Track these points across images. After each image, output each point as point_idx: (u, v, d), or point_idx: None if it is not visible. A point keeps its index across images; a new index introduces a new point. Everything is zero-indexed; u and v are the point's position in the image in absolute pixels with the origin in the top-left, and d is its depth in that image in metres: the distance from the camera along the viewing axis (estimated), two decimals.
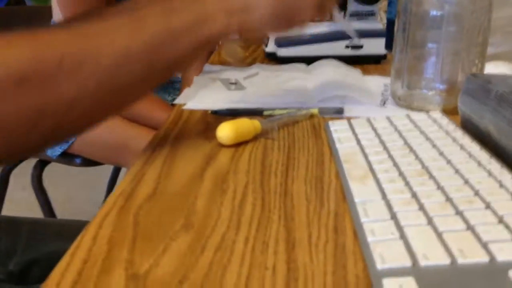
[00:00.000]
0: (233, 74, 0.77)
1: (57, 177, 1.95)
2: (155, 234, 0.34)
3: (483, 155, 0.40)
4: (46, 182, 1.29)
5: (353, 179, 0.39)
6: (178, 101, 0.66)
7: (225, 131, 0.50)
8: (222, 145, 0.50)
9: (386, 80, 0.72)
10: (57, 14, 1.16)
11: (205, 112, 0.62)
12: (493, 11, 0.59)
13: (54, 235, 0.64)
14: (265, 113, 0.60)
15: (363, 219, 0.33)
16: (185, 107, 0.64)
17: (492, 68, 0.66)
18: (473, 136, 0.45)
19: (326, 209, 0.37)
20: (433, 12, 0.57)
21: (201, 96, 0.67)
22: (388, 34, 0.81)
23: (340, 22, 0.68)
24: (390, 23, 0.80)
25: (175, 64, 0.47)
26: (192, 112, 0.62)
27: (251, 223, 0.35)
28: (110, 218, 0.36)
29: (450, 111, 0.57)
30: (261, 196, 0.39)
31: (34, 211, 1.30)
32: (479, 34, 0.57)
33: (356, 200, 0.36)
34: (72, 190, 2.05)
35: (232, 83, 0.72)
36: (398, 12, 0.60)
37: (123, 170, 1.55)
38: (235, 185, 0.41)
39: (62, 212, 1.42)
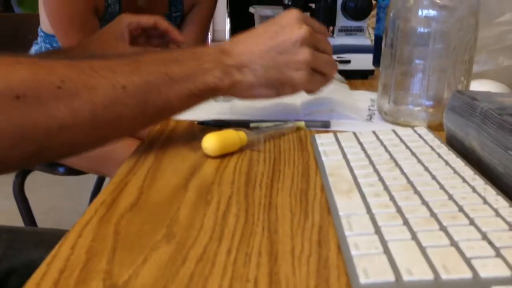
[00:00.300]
0: None
1: (40, 186, 1.92)
2: (135, 244, 0.33)
3: (468, 171, 0.40)
4: (29, 191, 1.27)
5: (338, 193, 0.39)
6: None
7: (211, 142, 0.49)
8: (207, 156, 0.50)
9: (373, 95, 0.73)
10: (45, 22, 1.16)
11: (191, 122, 0.61)
12: (479, 30, 0.60)
13: (33, 244, 0.63)
14: (252, 125, 0.59)
15: (347, 232, 0.33)
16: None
17: (477, 86, 0.67)
18: (458, 152, 0.46)
19: (310, 222, 0.37)
20: (420, 29, 0.57)
21: None
22: (376, 50, 0.82)
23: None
24: (378, 40, 0.81)
25: (168, 109, 0.49)
26: (179, 122, 0.62)
27: (234, 235, 0.34)
28: (90, 227, 0.35)
29: (435, 127, 0.58)
30: (245, 208, 0.39)
31: (17, 220, 1.28)
32: (466, 52, 0.57)
33: (341, 213, 0.35)
34: (54, 199, 2.03)
35: None
36: (386, 28, 0.61)
37: (108, 179, 1.53)
38: (219, 196, 0.41)
39: (44, 221, 1.40)
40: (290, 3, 0.89)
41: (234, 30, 1.52)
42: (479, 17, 0.57)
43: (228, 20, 1.64)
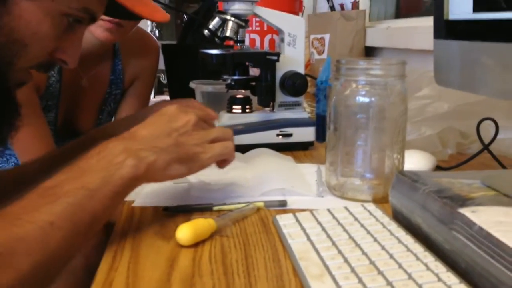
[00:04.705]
0: None
1: None
2: None
3: (418, 248, 0.47)
4: None
5: (311, 277, 0.44)
6: (126, 198, 0.68)
7: (184, 232, 0.53)
8: (181, 246, 0.53)
9: (316, 167, 0.80)
10: None
11: (155, 208, 0.64)
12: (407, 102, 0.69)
13: None
14: (215, 208, 0.63)
15: None
16: (134, 204, 0.66)
17: (408, 156, 0.75)
18: (405, 228, 0.52)
19: None
20: (360, 115, 0.65)
21: (148, 191, 0.69)
22: (318, 127, 0.90)
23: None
24: (319, 118, 0.89)
25: (98, 219, 0.50)
26: (143, 209, 0.64)
27: None
28: None
29: (379, 200, 0.65)
30: None
31: None
32: (399, 133, 0.66)
33: None
34: None
35: None
36: (329, 113, 0.68)
37: None
38: None
39: None
40: (232, 83, 0.95)
41: None
42: (407, 103, 0.66)
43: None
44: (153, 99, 2.41)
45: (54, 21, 0.55)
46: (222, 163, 0.63)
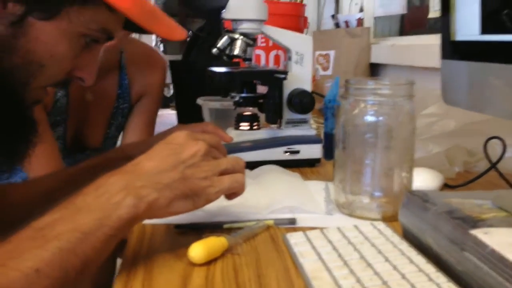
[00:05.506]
0: None
1: None
2: None
3: (430, 269, 0.47)
4: None
5: None
6: None
7: (197, 251, 0.53)
8: (193, 264, 0.53)
9: (324, 184, 0.80)
10: None
11: (167, 226, 0.65)
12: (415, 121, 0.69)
13: None
14: (225, 226, 0.64)
15: None
16: (145, 222, 0.66)
17: (415, 174, 0.76)
18: (416, 247, 0.53)
19: None
20: (368, 135, 0.66)
21: None
22: (326, 146, 0.91)
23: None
24: (327, 136, 0.89)
25: (90, 264, 0.47)
26: (154, 226, 0.65)
27: None
28: None
29: (389, 218, 0.65)
30: None
31: None
32: (408, 153, 0.66)
33: None
34: None
35: None
36: (338, 131, 0.69)
37: None
38: None
39: None
40: (240, 100, 0.96)
41: (181, 122, 1.57)
42: (415, 122, 0.67)
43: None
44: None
45: (72, 42, 0.56)
46: (231, 195, 0.61)
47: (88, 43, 0.59)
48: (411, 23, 1.92)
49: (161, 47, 3.90)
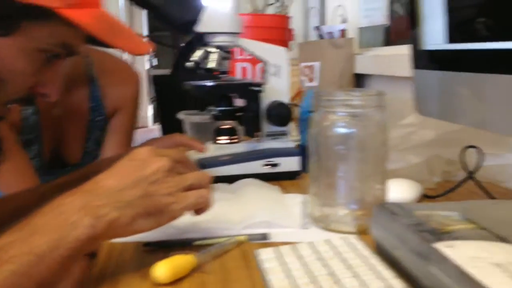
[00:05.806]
0: None
1: None
2: None
3: (397, 284, 0.46)
4: None
5: None
6: None
7: (162, 270, 0.52)
8: (158, 283, 0.52)
9: (302, 197, 0.79)
10: None
11: (137, 244, 0.63)
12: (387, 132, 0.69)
13: None
14: (196, 243, 0.63)
15: None
16: (114, 240, 0.65)
17: (394, 185, 0.75)
18: (387, 261, 0.52)
19: None
20: (339, 146, 0.65)
21: None
22: (303, 158, 0.90)
23: None
24: (303, 148, 0.88)
25: (46, 285, 0.45)
26: (124, 244, 0.63)
27: None
28: None
29: (364, 231, 0.64)
30: None
31: None
32: (380, 163, 0.65)
33: None
34: None
35: None
36: (311, 144, 0.68)
37: None
38: None
39: None
40: (219, 114, 0.95)
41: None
42: (387, 133, 0.66)
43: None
44: None
45: (31, 57, 0.56)
46: (198, 211, 0.59)
47: (49, 58, 0.58)
48: (397, 33, 1.92)
49: (154, 62, 3.90)
